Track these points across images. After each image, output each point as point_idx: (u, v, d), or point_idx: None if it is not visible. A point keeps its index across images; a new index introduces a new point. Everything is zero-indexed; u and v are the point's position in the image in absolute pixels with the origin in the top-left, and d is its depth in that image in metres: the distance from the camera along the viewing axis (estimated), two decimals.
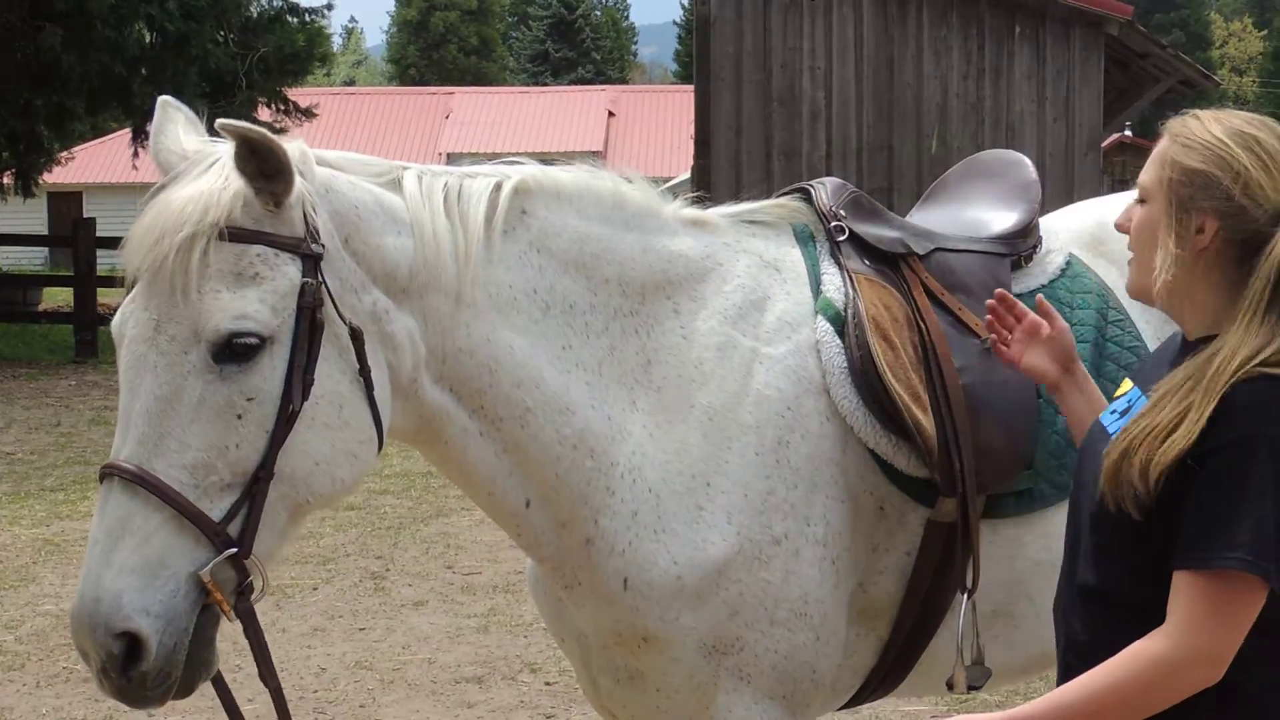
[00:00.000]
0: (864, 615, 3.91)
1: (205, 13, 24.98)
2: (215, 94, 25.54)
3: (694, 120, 22.55)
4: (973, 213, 4.36)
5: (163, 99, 3.55)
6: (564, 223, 3.75)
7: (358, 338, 3.39)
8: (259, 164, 3.27)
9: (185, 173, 3.37)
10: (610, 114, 60.32)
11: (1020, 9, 21.44)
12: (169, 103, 3.55)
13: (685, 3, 74.93)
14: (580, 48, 79.70)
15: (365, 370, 3.39)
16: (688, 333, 3.81)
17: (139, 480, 3.16)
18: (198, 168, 3.36)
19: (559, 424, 3.65)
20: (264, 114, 27.67)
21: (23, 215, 42.69)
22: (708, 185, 19.90)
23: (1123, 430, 3.01)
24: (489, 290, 3.61)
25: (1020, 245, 4.23)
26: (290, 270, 3.31)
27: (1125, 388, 3.30)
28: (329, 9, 31.45)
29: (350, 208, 3.48)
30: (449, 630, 9.01)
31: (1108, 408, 3.29)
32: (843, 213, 4.07)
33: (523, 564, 8.00)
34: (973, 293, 4.04)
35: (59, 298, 30.28)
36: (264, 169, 3.27)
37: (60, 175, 39.91)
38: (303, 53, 28.77)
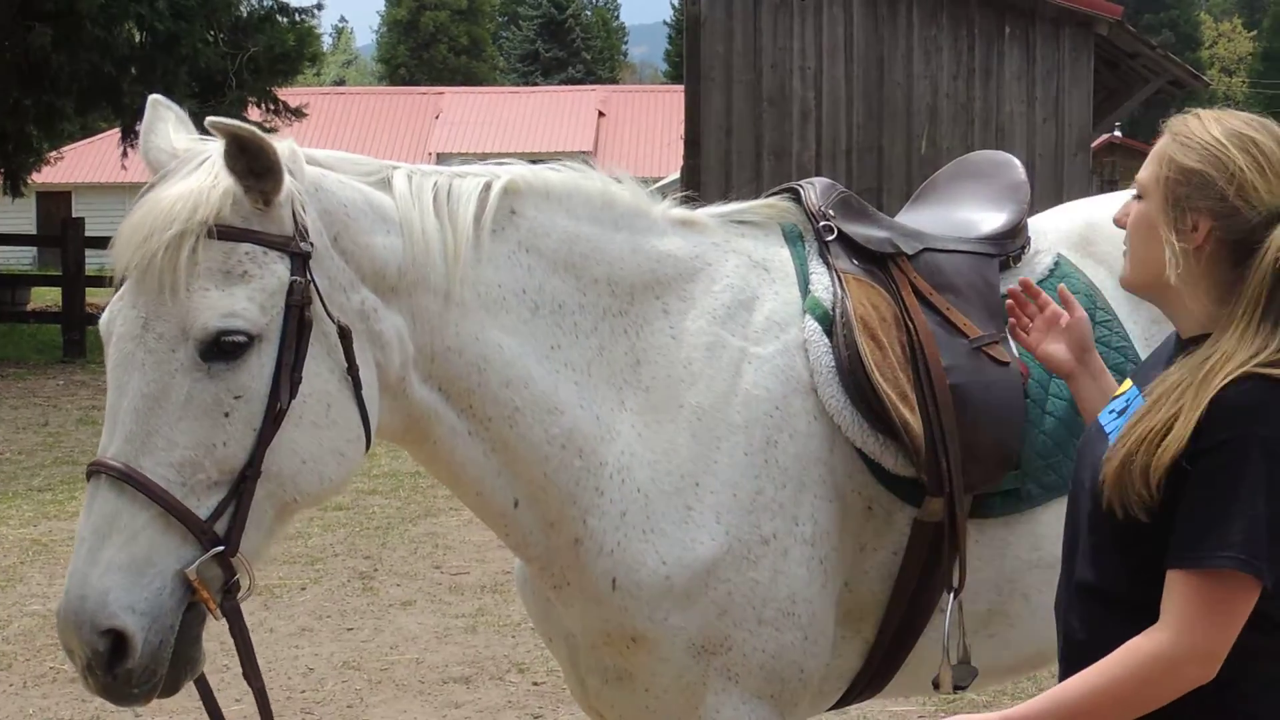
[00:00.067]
0: (851, 615, 3.91)
1: (195, 12, 24.98)
2: (205, 94, 25.52)
3: (684, 120, 22.56)
4: (962, 213, 4.36)
5: (153, 97, 3.55)
6: (553, 222, 3.75)
7: (346, 336, 3.38)
8: (248, 162, 3.26)
9: (175, 171, 3.36)
10: (600, 114, 60.34)
11: (1010, 9, 21.47)
12: (159, 101, 3.54)
13: (675, 3, 74.91)
14: (570, 48, 79.69)
15: (353, 369, 3.39)
16: (676, 332, 3.81)
17: (126, 478, 3.15)
18: (187, 166, 3.36)
19: (547, 423, 3.65)
20: (254, 114, 27.62)
21: (11, 215, 42.75)
22: (697, 185, 19.91)
23: (1120, 435, 3.03)
24: (478, 289, 3.61)
25: (1009, 245, 4.23)
26: (279, 268, 3.31)
27: (1124, 387, 3.31)
28: (319, 9, 31.50)
29: (339, 206, 3.48)
30: (437, 630, 9.00)
31: (1106, 407, 3.30)
32: (831, 213, 4.07)
33: (510, 564, 7.99)
34: (961, 293, 4.05)
35: (47, 297, 30.22)
36: (253, 167, 3.27)
37: (49, 175, 39.88)
38: (293, 52, 28.75)
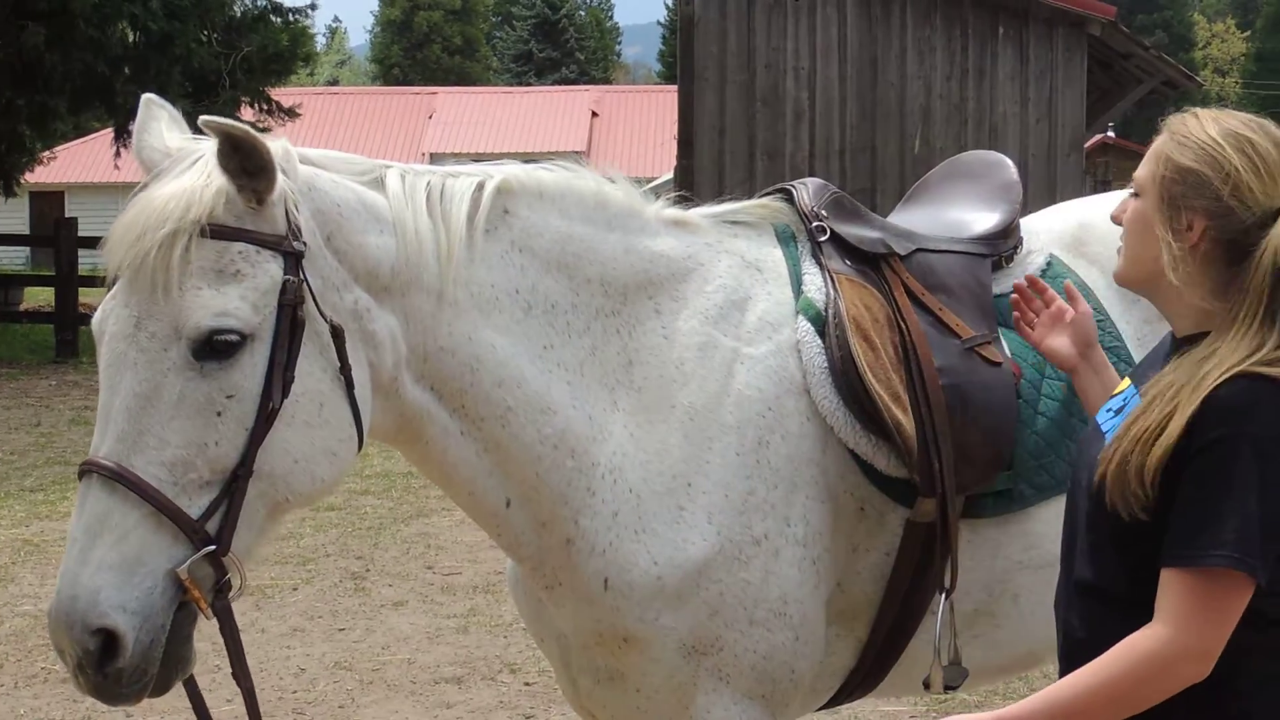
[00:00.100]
0: (843, 616, 3.91)
1: (189, 12, 24.96)
2: (198, 94, 25.51)
3: (677, 120, 22.56)
4: (954, 213, 4.36)
5: (146, 97, 3.55)
6: (546, 222, 3.75)
7: (339, 336, 3.38)
8: (242, 161, 3.26)
9: (168, 170, 3.36)
10: (594, 114, 60.31)
11: (1004, 10, 21.50)
12: (152, 100, 3.54)
13: (669, 3, 74.91)
14: (564, 48, 79.67)
15: (346, 368, 3.39)
16: (669, 333, 3.81)
17: (118, 477, 3.15)
18: (180, 165, 3.35)
19: (540, 424, 3.65)
20: (247, 114, 27.61)
21: (4, 215, 42.64)
22: (691, 185, 19.94)
23: (1116, 434, 3.05)
24: (471, 289, 3.61)
25: (1001, 246, 4.23)
26: (272, 268, 3.31)
27: (1121, 386, 3.33)
28: (313, 8, 31.45)
29: (333, 206, 3.48)
30: (429, 631, 9.00)
31: (1104, 406, 3.31)
32: (824, 213, 4.07)
33: (503, 564, 7.99)
34: (954, 293, 4.05)
35: (40, 297, 30.20)
36: (247, 166, 3.27)
37: (42, 175, 39.84)
38: (286, 52, 28.75)
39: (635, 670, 3.77)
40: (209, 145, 3.32)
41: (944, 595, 3.87)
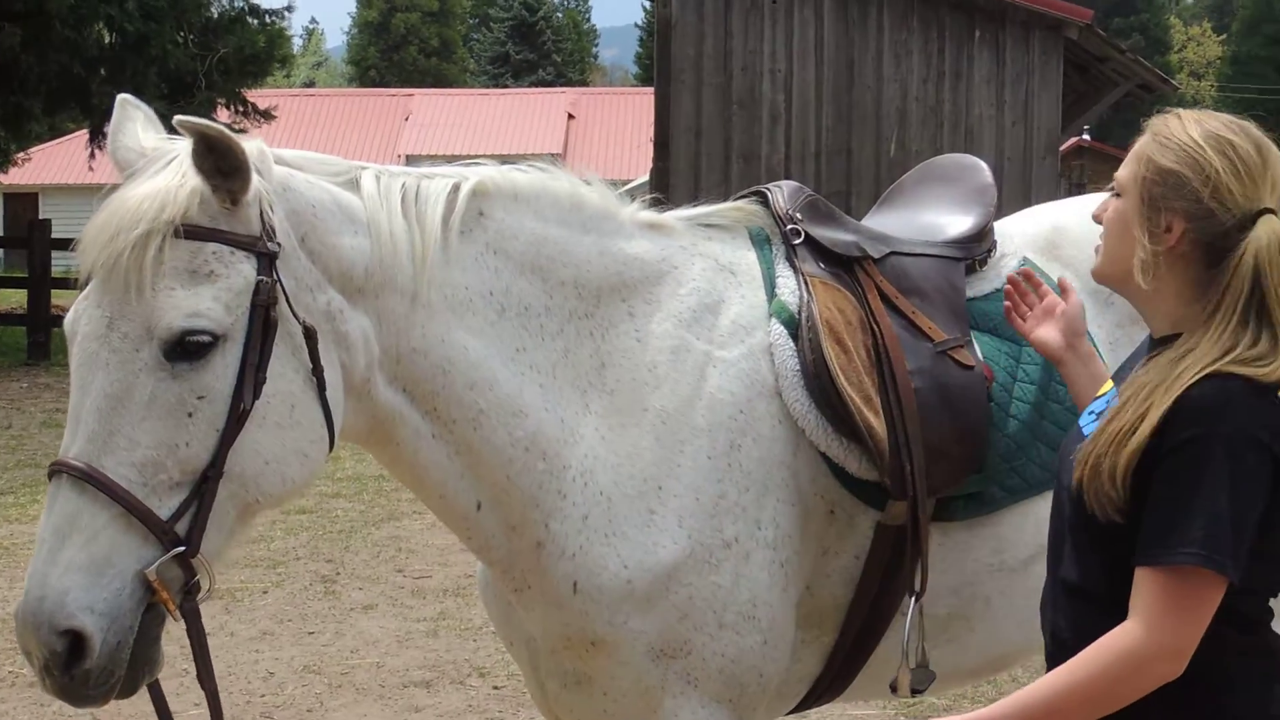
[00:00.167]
0: (812, 619, 3.91)
1: (165, 13, 24.91)
2: (174, 95, 25.45)
3: (654, 122, 22.54)
4: (928, 216, 4.37)
5: (121, 97, 3.54)
6: (521, 224, 3.75)
7: (311, 337, 3.37)
8: (216, 161, 3.26)
9: (142, 170, 3.36)
10: (570, 116, 60.31)
11: (980, 13, 21.52)
12: (128, 100, 3.53)
13: (647, 5, 74.91)
14: (541, 50, 79.61)
15: (318, 370, 3.38)
16: (642, 336, 3.81)
17: (87, 478, 3.14)
18: (155, 165, 3.35)
19: (512, 426, 3.65)
20: (223, 115, 27.59)
21: None
22: (666, 188, 19.92)
23: (1092, 436, 3.07)
24: (445, 291, 3.60)
25: (975, 249, 4.24)
26: (245, 268, 3.30)
27: (1105, 388, 3.34)
28: (289, 10, 31.52)
29: (307, 206, 3.47)
30: (398, 634, 8.98)
31: (1087, 408, 3.33)
32: (799, 216, 4.08)
33: (473, 568, 7.97)
34: (927, 296, 4.06)
35: (12, 299, 30.09)
36: (221, 166, 3.26)
37: (16, 176, 39.69)
38: (263, 54, 28.73)
39: (603, 674, 3.76)
40: (184, 145, 3.31)
41: (913, 598, 3.87)
